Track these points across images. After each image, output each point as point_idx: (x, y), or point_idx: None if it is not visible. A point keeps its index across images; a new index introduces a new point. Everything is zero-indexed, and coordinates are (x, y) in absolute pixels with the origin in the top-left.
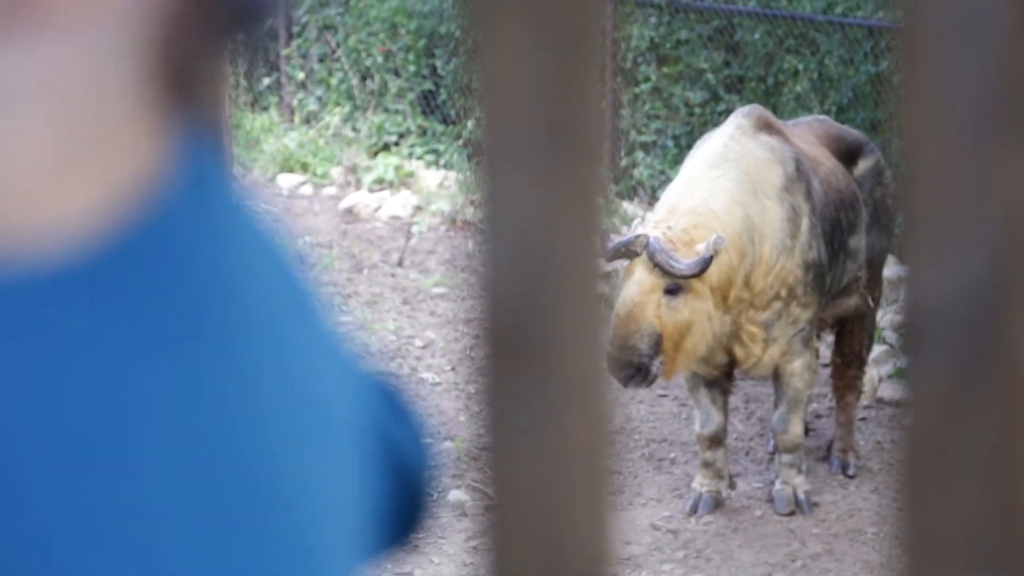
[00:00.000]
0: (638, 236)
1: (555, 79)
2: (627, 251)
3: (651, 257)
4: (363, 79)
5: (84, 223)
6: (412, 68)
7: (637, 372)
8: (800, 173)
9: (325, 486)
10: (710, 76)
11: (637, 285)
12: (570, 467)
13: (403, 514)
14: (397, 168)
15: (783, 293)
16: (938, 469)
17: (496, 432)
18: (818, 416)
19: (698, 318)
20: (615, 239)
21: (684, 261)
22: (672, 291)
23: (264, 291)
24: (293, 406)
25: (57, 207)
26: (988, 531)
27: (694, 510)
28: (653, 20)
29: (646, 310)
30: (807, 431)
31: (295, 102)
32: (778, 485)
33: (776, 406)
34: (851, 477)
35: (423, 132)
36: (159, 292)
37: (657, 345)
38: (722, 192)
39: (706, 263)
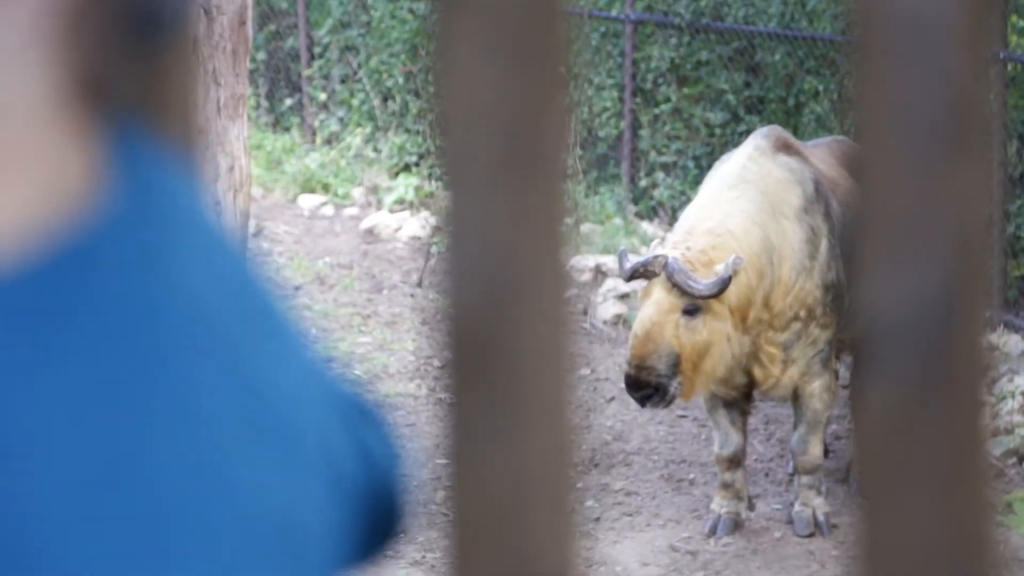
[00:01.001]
0: (656, 256)
1: (515, 94)
2: (645, 271)
3: (669, 277)
4: (384, 100)
5: (10, 237)
6: (431, 88)
7: (655, 392)
8: (819, 194)
9: (282, 493)
10: (730, 97)
11: (655, 305)
12: (533, 478)
13: (375, 525)
14: (417, 188)
15: (802, 314)
16: (890, 484)
17: (459, 443)
18: (838, 437)
19: (717, 339)
20: (634, 259)
21: (703, 281)
22: (691, 311)
23: (214, 301)
24: (243, 414)
25: None
26: (940, 543)
27: (713, 531)
28: (673, 41)
29: (664, 330)
30: (827, 452)
31: (316, 123)
32: (797, 506)
33: (795, 427)
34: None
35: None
36: (73, 307)
37: (675, 366)
38: (740, 213)
39: (725, 283)
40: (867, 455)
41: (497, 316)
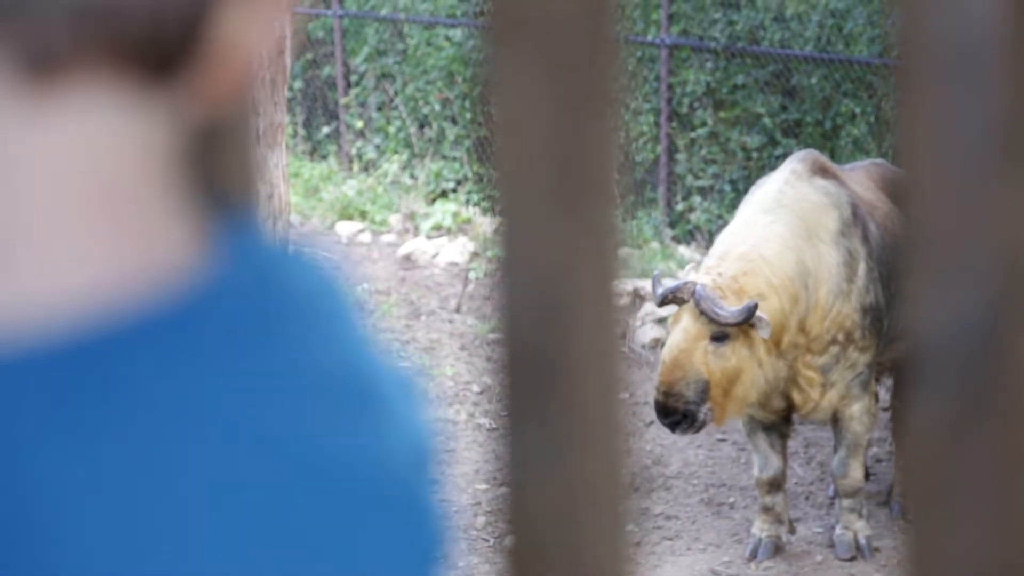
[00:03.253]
0: (686, 283)
1: (567, 123)
2: (674, 298)
3: (697, 304)
4: (421, 127)
5: (94, 302)
6: (469, 115)
7: (684, 419)
8: (856, 217)
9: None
10: (767, 120)
11: (683, 332)
12: (588, 503)
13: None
14: (455, 215)
15: (840, 337)
16: (940, 502)
17: (515, 469)
18: (878, 460)
19: (747, 365)
20: (667, 284)
21: (729, 309)
22: (719, 338)
23: (315, 379)
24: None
25: (61, 283)
26: (990, 562)
27: (754, 555)
28: (709, 65)
29: (693, 357)
30: (868, 475)
31: (354, 150)
32: (839, 530)
33: (836, 450)
34: (912, 522)
35: (480, 179)
36: (114, 384)
37: (704, 392)
38: (775, 238)
39: (750, 312)
40: (914, 474)
41: (551, 339)
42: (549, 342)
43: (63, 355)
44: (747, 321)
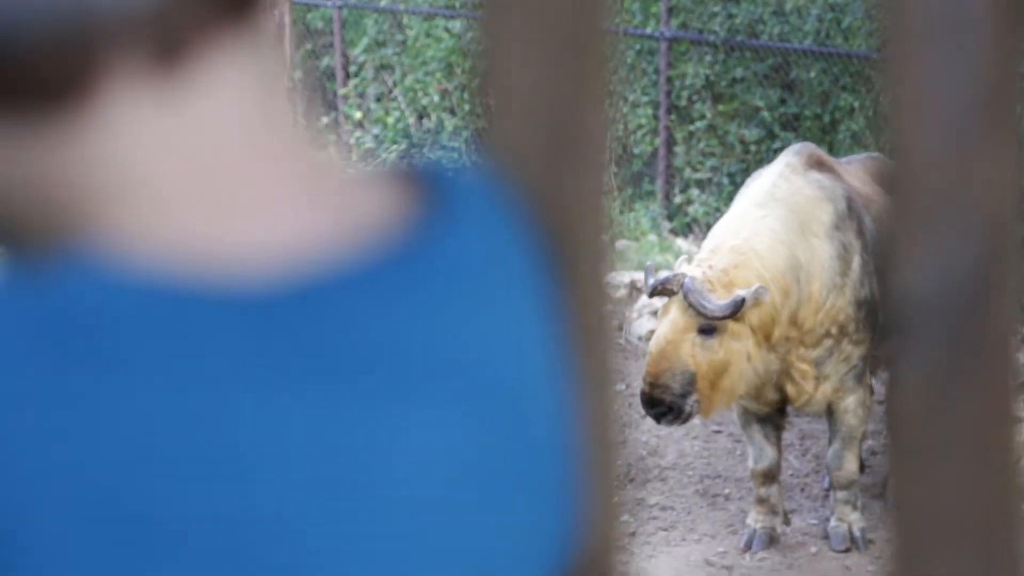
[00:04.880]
0: (675, 275)
1: (560, 85)
2: (664, 289)
3: (685, 296)
4: (420, 118)
5: (310, 252)
6: (467, 106)
7: (670, 411)
8: (851, 211)
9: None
10: (766, 114)
11: (671, 324)
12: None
13: None
14: None
15: (834, 331)
16: (923, 454)
17: None
18: (874, 453)
19: (735, 358)
20: (658, 275)
21: (715, 302)
22: (706, 331)
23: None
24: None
25: (278, 233)
26: (971, 513)
27: (748, 546)
28: (708, 58)
29: (679, 349)
30: (863, 468)
31: (352, 141)
32: (833, 522)
33: (830, 442)
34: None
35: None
36: (324, 330)
37: (691, 384)
38: (767, 231)
39: (737, 306)
40: (901, 426)
41: None
42: None
43: (287, 297)
44: (734, 315)
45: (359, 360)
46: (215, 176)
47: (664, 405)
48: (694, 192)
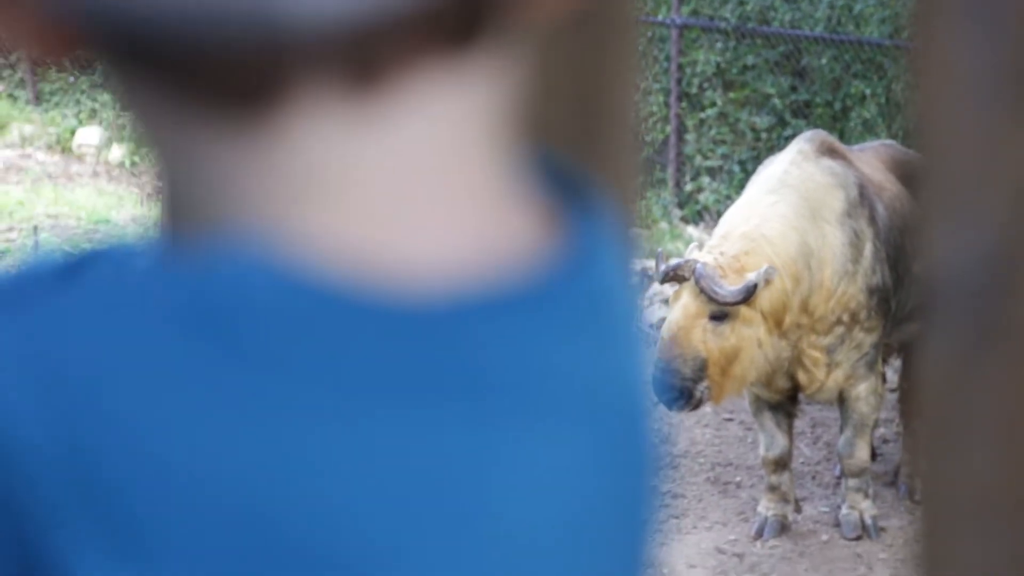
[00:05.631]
0: (687, 261)
1: (585, 56)
2: (675, 275)
3: (696, 282)
4: None
5: (462, 273)
6: None
7: (680, 395)
8: (863, 198)
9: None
10: (777, 101)
11: (683, 310)
12: None
13: None
14: None
15: (845, 318)
16: (952, 432)
17: None
18: (885, 441)
19: (746, 344)
20: (669, 262)
21: (727, 288)
22: (718, 317)
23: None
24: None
25: (436, 251)
26: (999, 487)
27: (760, 534)
28: (719, 45)
29: (691, 335)
30: (874, 456)
31: None
32: (845, 510)
33: (842, 430)
34: (918, 502)
35: None
36: (464, 358)
37: (702, 370)
38: (778, 218)
39: (749, 291)
40: (931, 402)
41: None
42: None
43: (438, 315)
44: (746, 301)
45: (505, 385)
46: (393, 189)
47: (675, 390)
48: (705, 180)
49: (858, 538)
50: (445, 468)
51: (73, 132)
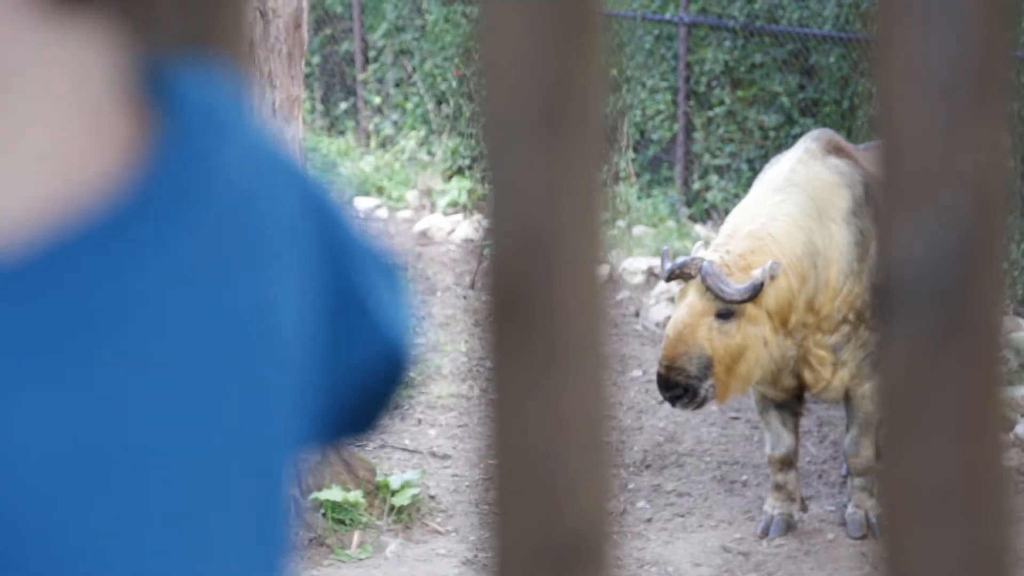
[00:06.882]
0: (693, 259)
1: (552, 59)
2: (682, 273)
3: (703, 281)
4: (438, 103)
5: (52, 213)
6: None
7: (685, 393)
8: (870, 196)
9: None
10: (784, 99)
11: (688, 308)
12: (569, 430)
13: (375, 391)
14: (470, 191)
15: (851, 317)
16: (913, 427)
17: (499, 395)
18: None
19: (752, 343)
20: (675, 260)
21: (734, 286)
22: (724, 315)
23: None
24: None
25: (27, 193)
26: (957, 485)
27: (766, 532)
28: (727, 44)
29: (696, 333)
30: (879, 454)
31: (371, 126)
32: (851, 508)
33: (848, 429)
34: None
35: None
36: (67, 293)
37: (707, 368)
38: (784, 216)
39: (756, 289)
40: (889, 398)
41: (536, 267)
42: (534, 275)
43: (22, 265)
44: (752, 299)
45: (97, 327)
46: None
47: (680, 388)
48: (712, 178)
49: (863, 537)
50: (51, 421)
51: None
